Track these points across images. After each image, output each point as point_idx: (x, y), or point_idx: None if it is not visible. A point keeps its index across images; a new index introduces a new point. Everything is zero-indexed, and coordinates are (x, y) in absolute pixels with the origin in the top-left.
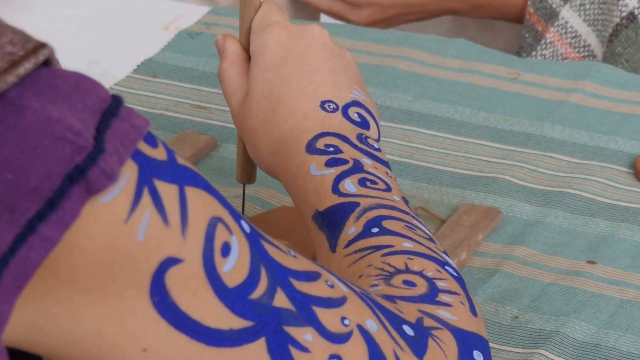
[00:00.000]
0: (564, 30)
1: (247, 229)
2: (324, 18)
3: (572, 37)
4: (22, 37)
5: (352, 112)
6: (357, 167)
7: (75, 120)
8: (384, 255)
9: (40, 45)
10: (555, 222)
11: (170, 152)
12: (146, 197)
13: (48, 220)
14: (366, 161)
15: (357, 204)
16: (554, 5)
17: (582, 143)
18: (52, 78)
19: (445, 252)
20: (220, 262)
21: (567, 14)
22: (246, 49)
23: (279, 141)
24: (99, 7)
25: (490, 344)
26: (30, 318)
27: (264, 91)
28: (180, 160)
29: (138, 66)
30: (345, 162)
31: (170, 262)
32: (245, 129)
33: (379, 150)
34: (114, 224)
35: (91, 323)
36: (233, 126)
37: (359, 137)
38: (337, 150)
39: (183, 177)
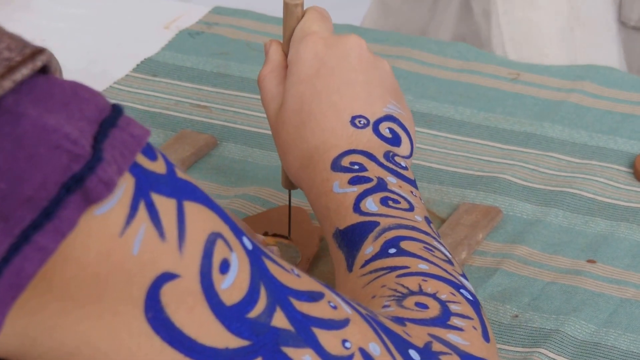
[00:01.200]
0: None
1: (249, 246)
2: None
3: None
4: (19, 42)
5: (384, 127)
6: (381, 186)
7: (72, 129)
8: (398, 276)
9: (38, 51)
10: (555, 221)
11: (170, 166)
12: (142, 211)
13: (43, 230)
14: (391, 179)
15: (376, 224)
16: None
17: (582, 143)
18: (49, 86)
19: (463, 275)
20: (219, 279)
21: None
22: (287, 56)
23: (306, 156)
24: (99, 6)
25: None
26: (24, 329)
27: (296, 104)
28: (181, 174)
29: (138, 65)
30: (369, 180)
31: (166, 277)
32: (279, 140)
33: (405, 168)
34: (109, 237)
35: (85, 336)
36: (233, 125)
37: (387, 154)
38: (362, 168)
39: (182, 192)
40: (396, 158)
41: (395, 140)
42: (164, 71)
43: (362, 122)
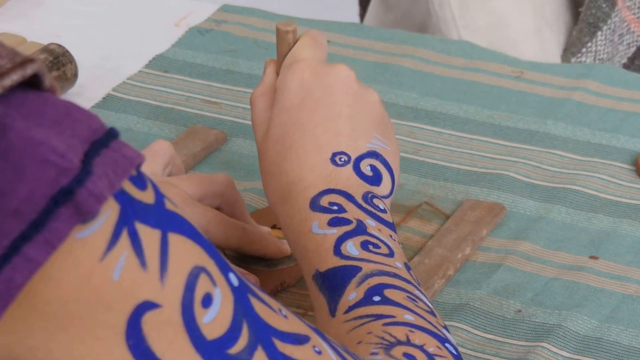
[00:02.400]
0: (632, 3)
1: (235, 282)
2: (323, 14)
3: (630, 1)
4: (11, 52)
5: (365, 164)
6: (361, 229)
7: (60, 143)
8: (385, 324)
9: (29, 60)
10: (558, 217)
11: (159, 196)
12: (124, 239)
13: (33, 241)
14: (370, 222)
15: (359, 269)
16: None
17: (584, 140)
18: (41, 103)
19: (445, 327)
20: (200, 313)
21: None
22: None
23: (285, 190)
24: (111, 3)
25: (494, 337)
26: (7, 346)
27: (278, 134)
28: (169, 206)
29: (150, 61)
30: (348, 222)
31: (147, 305)
32: (262, 167)
33: (384, 211)
34: (89, 260)
35: (67, 358)
36: (242, 121)
37: (365, 196)
38: (341, 209)
39: (168, 223)
40: (375, 200)
41: (375, 179)
42: (175, 67)
43: (342, 160)
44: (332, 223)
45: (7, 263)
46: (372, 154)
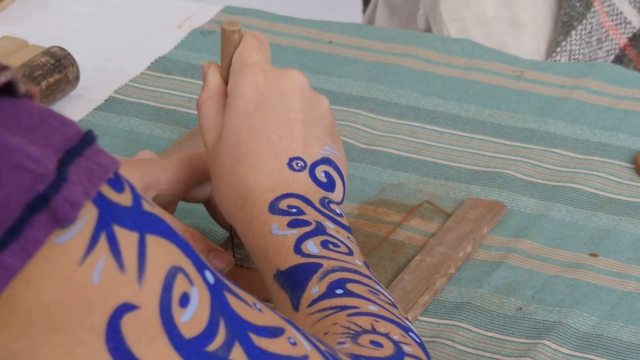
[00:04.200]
0: (608, 5)
1: (211, 280)
2: (325, 15)
3: (616, 15)
4: None
5: (320, 171)
6: (320, 230)
7: (34, 150)
8: (349, 315)
9: (2, 68)
10: (559, 215)
11: (136, 198)
12: (102, 242)
13: (8, 249)
14: (328, 224)
15: (319, 265)
16: None
17: (584, 139)
18: (15, 111)
19: (407, 318)
20: (178, 312)
21: None
22: (226, 83)
23: (242, 196)
24: (114, 5)
25: (495, 335)
26: None
27: (233, 139)
28: (147, 207)
29: (152, 63)
30: (307, 223)
31: (126, 307)
32: (214, 173)
33: (341, 215)
34: (68, 265)
35: None
36: None
37: (322, 201)
38: (300, 212)
39: (146, 225)
40: (331, 205)
41: (330, 185)
42: (178, 69)
43: (299, 165)
44: (292, 225)
45: None
46: (326, 161)
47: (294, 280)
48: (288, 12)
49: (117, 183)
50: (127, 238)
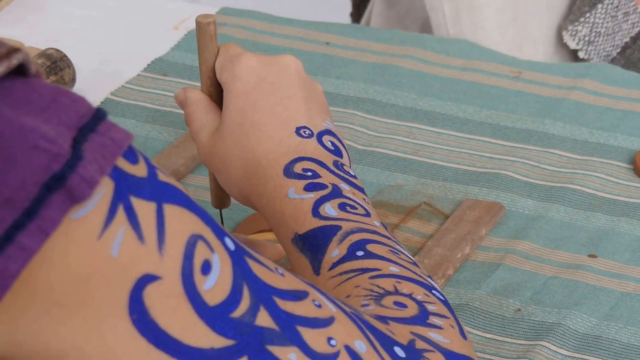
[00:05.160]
0: None
1: (232, 247)
2: (322, 16)
3: None
4: None
5: (326, 140)
6: (337, 192)
7: (49, 129)
8: (372, 277)
9: (14, 50)
10: (557, 216)
11: (151, 169)
12: (120, 214)
13: (26, 230)
14: (344, 186)
15: (339, 227)
16: None
17: (582, 139)
18: (27, 91)
19: (429, 277)
20: (201, 280)
21: None
22: (208, 94)
23: (252, 164)
24: (110, 7)
25: (494, 336)
26: (9, 333)
27: (236, 117)
28: (162, 177)
29: (149, 65)
30: (324, 186)
31: (147, 278)
32: (216, 157)
33: (354, 177)
34: (87, 239)
35: (71, 339)
36: None
37: (335, 163)
38: (316, 175)
39: (162, 195)
40: (344, 167)
41: (338, 152)
42: (174, 71)
43: (306, 133)
44: (309, 188)
45: (1, 252)
46: (330, 132)
47: (314, 243)
48: (284, 14)
49: (131, 155)
50: (144, 209)
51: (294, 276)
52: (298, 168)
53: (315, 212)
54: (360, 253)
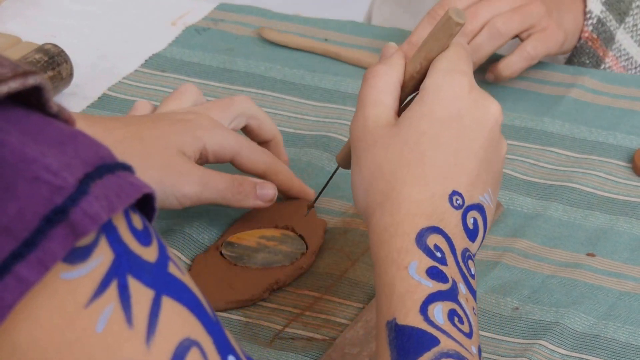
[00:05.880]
0: (619, 54)
1: None
2: (321, 12)
3: (626, 60)
4: (14, 64)
5: (470, 216)
6: (453, 293)
7: (53, 161)
8: None
9: (31, 72)
10: (555, 215)
11: (164, 258)
12: (113, 290)
13: (25, 261)
14: (462, 288)
15: (437, 342)
16: (612, 29)
17: (581, 138)
18: (44, 124)
19: None
20: None
21: (622, 37)
22: (410, 75)
23: (388, 196)
24: (108, 3)
25: (491, 335)
26: None
27: (411, 137)
28: (173, 270)
29: (146, 61)
30: (445, 279)
31: None
32: (361, 150)
33: (473, 277)
34: (74, 304)
35: None
36: None
37: (464, 253)
38: (443, 261)
39: (166, 286)
40: (469, 262)
41: (474, 234)
42: (172, 67)
43: (457, 202)
44: (431, 273)
45: None
46: (479, 207)
47: (406, 345)
48: (282, 9)
49: (145, 236)
50: (140, 293)
51: None
52: (431, 241)
53: (424, 309)
54: None
